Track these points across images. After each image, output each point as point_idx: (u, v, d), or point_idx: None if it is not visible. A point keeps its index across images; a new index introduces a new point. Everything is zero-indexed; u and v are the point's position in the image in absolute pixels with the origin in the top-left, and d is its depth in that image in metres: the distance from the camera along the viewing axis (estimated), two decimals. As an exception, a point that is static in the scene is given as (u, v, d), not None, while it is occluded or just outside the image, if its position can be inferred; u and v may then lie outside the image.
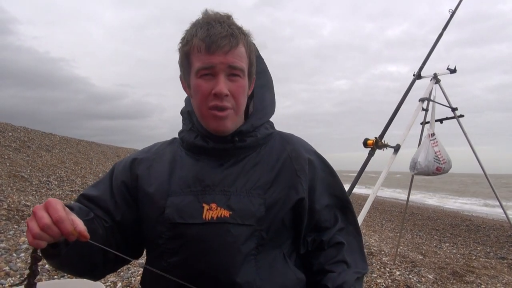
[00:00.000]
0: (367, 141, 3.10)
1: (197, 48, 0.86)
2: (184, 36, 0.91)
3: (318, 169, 1.02)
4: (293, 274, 0.95)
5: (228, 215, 0.87)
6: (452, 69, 3.67)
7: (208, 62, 0.86)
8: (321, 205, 1.00)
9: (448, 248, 6.12)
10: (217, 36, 0.85)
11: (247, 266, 0.87)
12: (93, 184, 1.02)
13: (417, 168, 3.42)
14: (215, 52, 0.85)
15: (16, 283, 2.60)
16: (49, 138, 12.14)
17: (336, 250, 1.00)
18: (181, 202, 0.89)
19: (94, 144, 16.39)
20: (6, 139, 9.15)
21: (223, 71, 0.87)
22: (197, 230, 0.86)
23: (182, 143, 1.00)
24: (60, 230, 0.67)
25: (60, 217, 0.66)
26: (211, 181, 0.91)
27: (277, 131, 1.05)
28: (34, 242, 0.67)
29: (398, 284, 3.67)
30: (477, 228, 8.48)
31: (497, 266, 4.83)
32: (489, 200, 18.29)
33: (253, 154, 0.96)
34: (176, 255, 0.88)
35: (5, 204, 4.48)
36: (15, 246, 3.27)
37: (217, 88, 0.86)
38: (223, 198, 0.89)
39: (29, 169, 7.07)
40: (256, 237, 0.89)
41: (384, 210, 11.80)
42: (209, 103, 0.88)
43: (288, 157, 0.98)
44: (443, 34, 3.80)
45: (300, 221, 0.97)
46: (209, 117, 0.90)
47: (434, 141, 3.44)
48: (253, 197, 0.90)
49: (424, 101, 3.66)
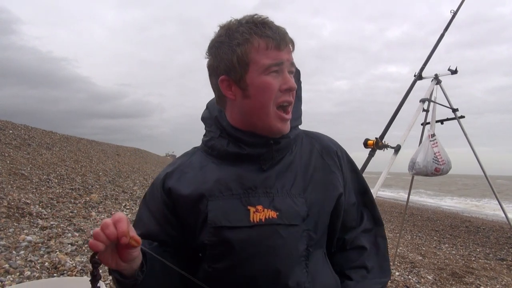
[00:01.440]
0: (368, 142, 3.10)
1: (265, 45, 0.84)
2: (237, 37, 0.85)
3: (345, 164, 1.02)
4: (333, 278, 0.94)
5: (275, 216, 0.85)
6: (453, 70, 3.66)
7: (279, 58, 0.85)
8: (349, 202, 1.00)
9: (447, 249, 6.12)
10: (283, 34, 0.86)
11: (298, 268, 0.86)
12: (134, 225, 0.95)
13: (416, 168, 3.42)
14: (284, 48, 0.86)
15: (16, 280, 2.60)
16: (50, 136, 12.14)
17: (357, 254, 0.99)
18: (224, 205, 0.86)
19: (94, 143, 16.39)
20: (6, 136, 9.15)
21: (287, 68, 0.88)
22: (246, 234, 0.84)
23: (212, 151, 0.94)
24: (116, 229, 0.69)
25: (121, 218, 0.70)
26: (252, 183, 0.88)
27: (301, 130, 1.03)
28: (92, 243, 0.69)
29: (397, 285, 3.67)
30: (476, 229, 8.47)
31: (496, 268, 4.82)
32: (489, 202, 18.29)
33: (287, 155, 0.94)
34: (221, 261, 0.86)
35: (5, 202, 4.48)
36: (15, 244, 3.27)
37: (290, 82, 0.87)
38: (267, 200, 0.87)
39: (29, 167, 7.07)
40: (306, 237, 0.88)
41: (383, 210, 11.79)
42: (278, 99, 0.87)
43: (318, 153, 0.98)
44: (445, 34, 3.80)
45: (337, 217, 0.96)
46: (275, 117, 0.88)
47: (434, 142, 3.43)
48: (295, 197, 0.89)
49: (425, 102, 3.66)
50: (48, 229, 3.87)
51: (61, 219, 4.40)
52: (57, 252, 3.25)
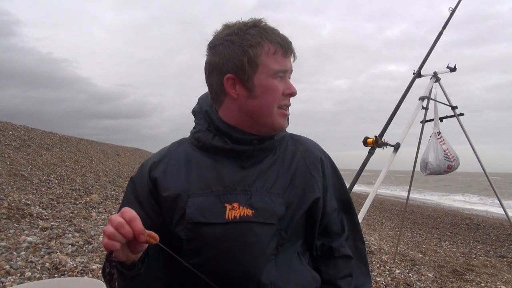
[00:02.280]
0: (367, 140, 3.11)
1: (274, 50, 0.90)
2: (248, 38, 0.89)
3: (328, 170, 1.05)
4: (309, 273, 0.98)
5: (251, 213, 0.88)
6: (452, 68, 3.66)
7: (285, 65, 0.93)
8: (331, 208, 1.03)
9: (448, 246, 6.13)
10: (289, 43, 0.93)
11: (269, 265, 0.89)
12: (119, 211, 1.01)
13: (429, 168, 3.39)
14: (289, 56, 0.94)
15: (17, 281, 2.60)
16: (49, 137, 12.14)
17: (345, 263, 1.04)
18: (203, 202, 0.89)
19: (94, 143, 16.38)
20: (6, 137, 9.15)
21: (289, 74, 0.95)
22: (220, 230, 0.87)
23: (197, 143, 0.98)
24: (132, 228, 0.70)
25: (133, 216, 0.70)
26: (231, 181, 0.91)
27: (287, 133, 1.06)
28: (109, 243, 0.69)
29: (398, 283, 3.68)
30: (477, 227, 8.48)
31: (497, 265, 4.83)
32: (489, 199, 18.30)
33: (270, 155, 0.97)
34: (197, 256, 0.88)
35: (6, 203, 4.48)
36: (15, 245, 3.28)
37: (293, 88, 0.95)
38: (245, 198, 0.90)
39: (29, 168, 7.08)
40: (277, 236, 0.90)
41: (384, 208, 11.80)
42: (281, 102, 0.93)
43: (301, 157, 1.01)
44: (443, 32, 3.80)
45: (314, 220, 0.99)
46: (278, 115, 0.94)
47: (441, 139, 3.42)
48: (273, 197, 0.92)
49: (424, 100, 3.65)
50: (49, 230, 3.87)
51: (62, 219, 4.40)
52: (57, 252, 3.25)
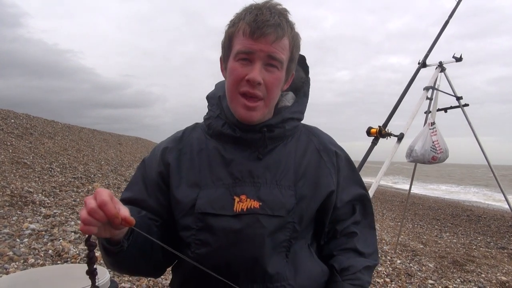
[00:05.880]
0: (371, 130, 3.08)
1: (242, 31, 0.85)
2: (233, 18, 0.89)
3: (343, 164, 1.02)
4: (318, 266, 0.96)
5: (258, 206, 0.87)
6: (458, 58, 3.61)
7: (249, 47, 0.85)
8: (342, 202, 1.01)
9: (448, 237, 6.14)
10: (264, 24, 0.83)
11: (277, 257, 0.88)
12: (126, 188, 1.00)
13: (413, 155, 3.41)
14: (258, 39, 0.84)
15: (20, 267, 2.62)
16: (52, 125, 12.15)
17: (347, 238, 1.01)
18: (213, 194, 0.89)
19: (96, 132, 16.40)
20: (8, 125, 9.15)
21: (261, 59, 0.86)
22: (228, 222, 0.86)
23: (208, 130, 0.97)
24: (105, 213, 0.68)
25: (103, 201, 0.68)
26: (241, 173, 0.90)
27: (302, 124, 1.04)
28: (84, 228, 0.69)
29: (399, 273, 3.70)
30: (477, 218, 8.49)
31: (497, 256, 4.84)
32: (490, 191, 18.31)
33: (281, 146, 0.95)
34: (204, 246, 0.88)
35: (8, 190, 4.50)
36: (18, 232, 3.30)
37: (251, 74, 0.85)
38: (253, 190, 0.89)
39: (31, 156, 7.09)
40: (290, 229, 0.89)
41: (385, 199, 11.82)
42: (241, 88, 0.87)
43: (315, 149, 0.99)
44: (449, 21, 3.74)
45: (326, 213, 0.98)
46: (238, 104, 0.89)
47: (433, 130, 3.40)
48: (283, 189, 0.90)
49: (429, 90, 3.61)
50: (51, 217, 3.89)
51: (64, 207, 4.42)
52: (60, 240, 3.27)
